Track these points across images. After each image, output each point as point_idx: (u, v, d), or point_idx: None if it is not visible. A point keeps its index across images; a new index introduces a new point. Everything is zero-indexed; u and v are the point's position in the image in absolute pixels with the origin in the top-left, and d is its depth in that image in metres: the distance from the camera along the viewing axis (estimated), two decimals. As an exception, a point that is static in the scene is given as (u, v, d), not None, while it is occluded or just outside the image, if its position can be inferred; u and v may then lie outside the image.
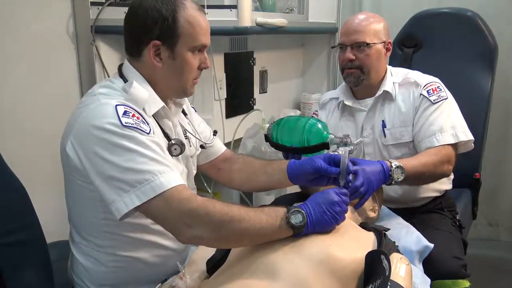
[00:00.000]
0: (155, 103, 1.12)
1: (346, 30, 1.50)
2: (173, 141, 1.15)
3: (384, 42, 1.50)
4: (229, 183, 1.40)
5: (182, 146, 1.16)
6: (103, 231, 1.11)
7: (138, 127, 1.01)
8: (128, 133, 0.99)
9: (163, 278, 1.15)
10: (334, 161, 1.16)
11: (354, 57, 1.47)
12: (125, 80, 1.12)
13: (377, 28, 1.48)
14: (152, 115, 1.12)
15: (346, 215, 1.05)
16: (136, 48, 1.11)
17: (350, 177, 1.16)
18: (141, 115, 1.05)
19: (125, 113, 1.01)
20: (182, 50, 1.10)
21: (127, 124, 0.99)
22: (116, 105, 1.02)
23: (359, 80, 1.50)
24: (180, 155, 1.19)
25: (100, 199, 1.03)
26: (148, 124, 1.05)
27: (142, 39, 1.09)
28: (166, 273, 1.18)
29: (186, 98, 1.27)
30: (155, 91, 1.13)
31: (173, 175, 1.00)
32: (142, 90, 1.09)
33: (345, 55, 1.48)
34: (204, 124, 1.39)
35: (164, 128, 1.16)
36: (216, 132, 1.37)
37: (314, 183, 1.19)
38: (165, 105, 1.15)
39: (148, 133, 1.02)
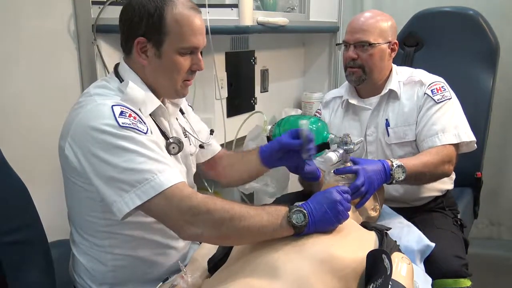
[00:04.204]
0: (151, 102, 1.12)
1: (351, 28, 1.48)
2: (170, 140, 1.15)
3: (389, 42, 1.48)
4: (221, 180, 1.43)
5: (180, 144, 1.16)
6: (103, 230, 1.11)
7: (135, 127, 1.01)
8: (125, 133, 0.99)
9: (164, 276, 1.16)
10: (298, 136, 1.19)
11: (357, 56, 1.46)
12: (121, 80, 1.12)
13: (383, 27, 1.47)
14: (149, 114, 1.12)
15: (347, 214, 1.05)
16: (126, 45, 1.12)
17: (312, 145, 1.17)
18: (137, 115, 1.05)
19: (121, 113, 1.01)
20: (169, 50, 1.08)
21: (124, 125, 0.99)
22: (112, 106, 1.02)
23: (361, 80, 1.49)
24: (179, 154, 1.19)
25: (100, 199, 1.04)
26: (145, 123, 1.05)
27: (129, 35, 1.09)
28: (167, 271, 1.18)
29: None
30: (150, 90, 1.13)
31: (172, 173, 1.00)
32: (138, 90, 1.09)
33: (347, 54, 1.47)
34: (201, 123, 1.40)
35: (161, 127, 1.16)
36: (213, 131, 1.38)
37: (284, 161, 1.24)
38: (161, 104, 1.15)
39: (145, 133, 1.02)
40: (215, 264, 1.11)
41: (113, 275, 1.15)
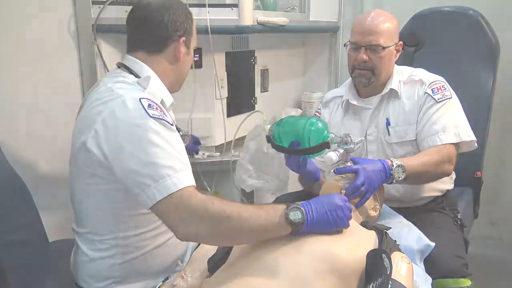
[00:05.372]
0: (168, 97, 1.20)
1: (361, 29, 1.45)
2: (181, 132, 1.18)
3: (396, 43, 1.49)
4: None
5: (189, 137, 1.21)
6: (122, 221, 1.13)
7: (164, 118, 1.04)
8: (154, 125, 1.02)
9: (166, 272, 1.17)
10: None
11: (368, 58, 1.44)
12: (135, 75, 1.15)
13: (391, 29, 1.46)
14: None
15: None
16: (159, 43, 1.17)
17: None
18: (161, 108, 1.08)
19: (149, 106, 1.04)
20: (192, 48, 1.25)
21: (154, 116, 1.02)
22: (140, 99, 1.05)
23: (370, 81, 1.48)
24: None
25: (124, 190, 1.06)
26: (168, 116, 1.09)
27: (171, 35, 1.17)
28: (172, 264, 1.21)
29: None
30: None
31: (187, 175, 1.02)
32: (160, 83, 1.17)
33: (359, 56, 1.44)
34: None
35: (174, 120, 1.21)
36: None
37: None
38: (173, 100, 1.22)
39: (171, 124, 1.06)
40: (215, 264, 1.10)
41: (120, 268, 1.16)
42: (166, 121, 1.04)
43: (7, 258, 1.02)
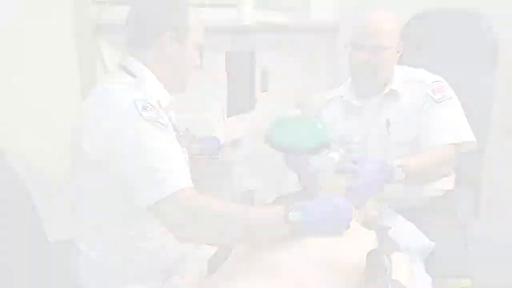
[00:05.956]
0: (164, 96, 1.17)
1: (362, 29, 1.44)
2: (181, 133, 1.17)
3: (397, 43, 1.49)
4: None
5: (190, 137, 1.19)
6: (120, 222, 1.12)
7: (158, 120, 1.03)
8: (148, 128, 1.00)
9: (166, 273, 1.16)
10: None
11: (369, 59, 1.44)
12: (133, 75, 1.14)
13: (392, 29, 1.46)
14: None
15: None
16: (150, 40, 1.14)
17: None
18: (156, 109, 1.07)
19: (144, 107, 1.03)
20: (190, 44, 1.16)
21: (148, 118, 1.01)
22: (135, 100, 1.03)
23: (370, 81, 1.48)
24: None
25: (120, 189, 1.05)
26: (163, 117, 1.08)
27: (158, 28, 1.13)
28: (172, 265, 1.19)
29: None
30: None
31: (183, 176, 1.01)
32: (155, 82, 1.13)
33: (360, 56, 1.44)
34: None
35: (171, 120, 1.18)
36: None
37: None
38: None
39: (166, 126, 1.05)
40: (215, 264, 1.11)
41: (119, 269, 1.15)
42: (161, 122, 1.03)
43: (7, 258, 1.02)
